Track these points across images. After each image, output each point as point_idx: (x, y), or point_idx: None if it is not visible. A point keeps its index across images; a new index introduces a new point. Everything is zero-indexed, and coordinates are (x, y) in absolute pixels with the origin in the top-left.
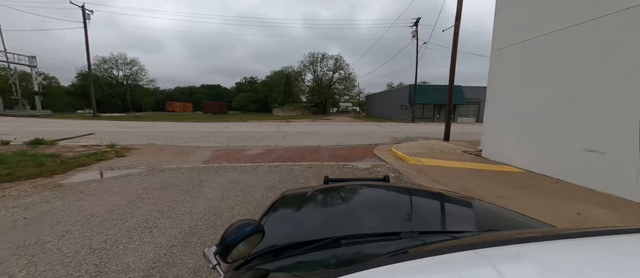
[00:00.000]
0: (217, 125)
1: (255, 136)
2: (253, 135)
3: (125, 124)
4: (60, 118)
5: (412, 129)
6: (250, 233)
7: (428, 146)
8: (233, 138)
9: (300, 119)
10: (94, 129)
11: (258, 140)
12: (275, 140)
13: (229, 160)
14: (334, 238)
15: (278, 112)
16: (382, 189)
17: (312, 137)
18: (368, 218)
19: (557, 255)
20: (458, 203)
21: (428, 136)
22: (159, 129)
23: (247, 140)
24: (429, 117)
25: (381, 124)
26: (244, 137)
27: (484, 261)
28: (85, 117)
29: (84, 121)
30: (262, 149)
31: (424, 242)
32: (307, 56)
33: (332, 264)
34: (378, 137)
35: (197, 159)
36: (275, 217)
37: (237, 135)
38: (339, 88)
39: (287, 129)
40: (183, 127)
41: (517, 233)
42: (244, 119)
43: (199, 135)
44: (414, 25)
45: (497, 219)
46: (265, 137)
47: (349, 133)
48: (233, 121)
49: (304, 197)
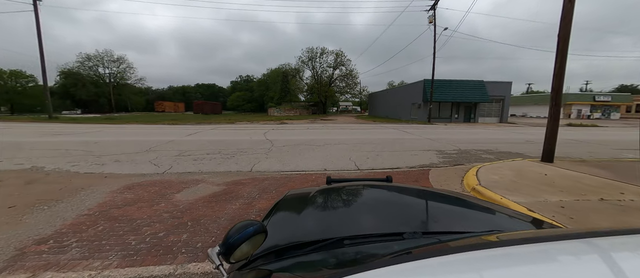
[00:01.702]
0: (189, 129)
1: (225, 150)
2: (224, 147)
3: (71, 128)
4: (7, 120)
5: (449, 136)
6: (253, 234)
7: (533, 177)
8: (188, 154)
9: (298, 120)
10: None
11: (224, 159)
12: (251, 159)
13: (91, 246)
14: (337, 238)
15: (274, 112)
16: (385, 189)
17: (313, 152)
18: (371, 218)
19: (561, 255)
20: (461, 203)
21: (491, 149)
22: (102, 137)
23: (205, 160)
24: (446, 117)
25: (399, 127)
26: (207, 151)
27: (487, 261)
28: (39, 120)
29: (22, 125)
30: (217, 185)
31: (427, 243)
32: (305, 51)
33: (335, 265)
34: (414, 149)
35: None
36: (278, 218)
37: (199, 147)
38: (340, 86)
39: (276, 136)
40: (145, 132)
41: (521, 234)
42: (233, 120)
43: (143, 148)
44: (431, 9)
45: (501, 220)
46: (239, 152)
47: (365, 142)
48: (217, 123)
49: (306, 197)
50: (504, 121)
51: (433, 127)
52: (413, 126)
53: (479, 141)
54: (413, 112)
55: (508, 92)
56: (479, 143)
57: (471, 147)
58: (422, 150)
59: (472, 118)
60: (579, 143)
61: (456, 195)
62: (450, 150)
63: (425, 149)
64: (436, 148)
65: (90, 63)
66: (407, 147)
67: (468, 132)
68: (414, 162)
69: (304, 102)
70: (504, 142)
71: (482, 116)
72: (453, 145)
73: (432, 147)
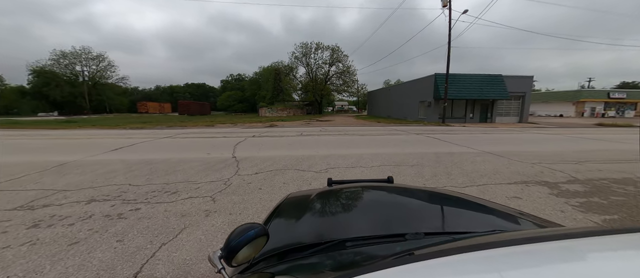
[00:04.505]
0: (138, 136)
1: (141, 188)
2: (145, 181)
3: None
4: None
5: (507, 146)
6: (255, 237)
7: None
8: (50, 203)
9: (291, 121)
10: None
11: (108, 224)
12: (166, 227)
13: None
14: (339, 240)
15: (266, 112)
16: (386, 190)
17: (307, 188)
18: (373, 220)
19: (565, 255)
20: (464, 203)
21: (625, 175)
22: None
23: (53, 229)
24: (460, 117)
25: (418, 130)
26: (101, 194)
27: (491, 262)
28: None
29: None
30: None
31: (429, 244)
32: (299, 47)
33: (337, 267)
34: (490, 175)
35: None
36: (279, 221)
37: (95, 181)
38: (337, 84)
39: (251, 150)
40: (62, 144)
41: (524, 233)
42: (215, 122)
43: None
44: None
45: (504, 219)
46: (161, 195)
47: (394, 161)
48: (193, 126)
49: (307, 200)
50: (524, 121)
51: (456, 130)
52: (432, 129)
53: (565, 156)
54: (421, 112)
55: (529, 88)
56: (571, 161)
57: (584, 170)
58: (511, 183)
59: (489, 118)
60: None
61: (458, 195)
62: (562, 179)
63: (511, 178)
64: (530, 176)
65: (66, 61)
66: (471, 171)
67: (520, 140)
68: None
69: (298, 102)
70: (608, 158)
71: (499, 115)
72: (548, 167)
73: (517, 170)
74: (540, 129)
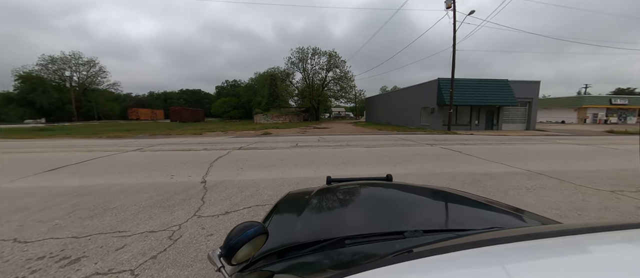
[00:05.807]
0: (102, 148)
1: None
2: (70, 219)
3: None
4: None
5: (539, 164)
6: (254, 235)
7: None
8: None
9: (286, 129)
10: None
11: None
12: None
13: None
14: (338, 238)
15: (261, 119)
16: (385, 188)
17: None
18: (372, 217)
19: (564, 252)
20: (462, 201)
21: None
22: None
23: None
24: (465, 124)
25: (428, 140)
26: None
27: (490, 259)
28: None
29: None
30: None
31: (428, 241)
32: (295, 52)
33: (336, 265)
34: (580, 215)
35: None
36: (278, 218)
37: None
38: (334, 89)
39: (231, 169)
40: (21, 157)
41: (523, 230)
42: (203, 130)
43: None
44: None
45: (502, 216)
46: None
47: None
48: (179, 134)
49: (307, 197)
50: (531, 128)
51: (468, 139)
52: (442, 138)
53: (627, 179)
54: (424, 118)
55: (536, 94)
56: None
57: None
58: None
59: (495, 125)
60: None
61: (457, 193)
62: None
63: (602, 217)
64: (628, 213)
65: (55, 66)
66: (537, 205)
67: (553, 152)
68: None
69: (294, 108)
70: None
71: (505, 122)
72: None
73: (601, 204)
74: (555, 137)
